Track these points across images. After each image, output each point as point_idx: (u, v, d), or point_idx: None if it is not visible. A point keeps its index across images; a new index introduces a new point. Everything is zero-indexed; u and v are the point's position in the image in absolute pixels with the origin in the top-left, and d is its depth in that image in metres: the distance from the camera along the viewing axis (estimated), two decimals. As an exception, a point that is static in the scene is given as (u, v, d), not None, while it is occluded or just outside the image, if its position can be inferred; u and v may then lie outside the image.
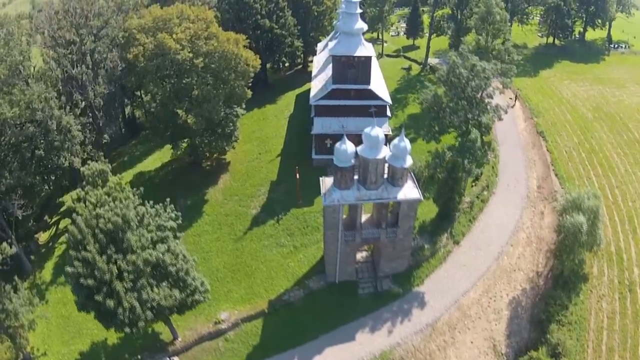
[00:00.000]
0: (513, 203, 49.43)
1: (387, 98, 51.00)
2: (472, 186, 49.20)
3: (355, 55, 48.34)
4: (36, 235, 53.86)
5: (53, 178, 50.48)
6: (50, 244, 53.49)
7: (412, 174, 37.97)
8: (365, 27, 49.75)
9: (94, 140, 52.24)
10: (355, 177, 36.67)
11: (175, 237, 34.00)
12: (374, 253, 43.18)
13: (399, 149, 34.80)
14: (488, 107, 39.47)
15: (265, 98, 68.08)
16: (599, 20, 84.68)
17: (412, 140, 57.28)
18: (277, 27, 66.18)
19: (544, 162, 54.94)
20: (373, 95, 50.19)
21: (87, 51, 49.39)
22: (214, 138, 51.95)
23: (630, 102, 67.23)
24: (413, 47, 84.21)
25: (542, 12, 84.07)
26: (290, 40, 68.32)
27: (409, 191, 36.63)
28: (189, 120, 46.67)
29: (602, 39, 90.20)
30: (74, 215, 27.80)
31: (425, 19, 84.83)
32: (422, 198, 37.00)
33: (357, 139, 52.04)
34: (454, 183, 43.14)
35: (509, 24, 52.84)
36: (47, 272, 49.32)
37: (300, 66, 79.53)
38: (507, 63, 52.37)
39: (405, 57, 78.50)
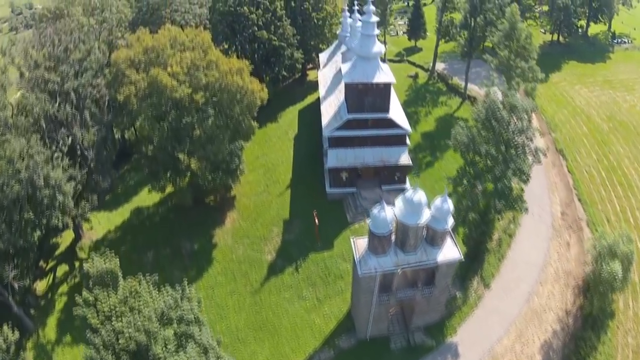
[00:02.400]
0: (539, 235, 47.55)
1: (407, 126, 47.37)
2: (498, 220, 46.81)
3: (374, 82, 44.22)
4: (33, 285, 49.29)
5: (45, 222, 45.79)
6: (50, 295, 49.29)
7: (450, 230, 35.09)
8: (383, 49, 45.35)
9: (85, 183, 46.99)
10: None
11: (199, 321, 30.49)
12: (404, 306, 40.65)
13: (442, 211, 31.69)
14: (527, 149, 36.47)
15: (265, 115, 63.20)
16: (603, 16, 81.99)
17: (428, 165, 55.07)
18: (275, 38, 60.70)
19: (565, 184, 52.98)
20: (392, 124, 46.50)
21: (70, 89, 43.45)
22: (217, 175, 47.56)
23: (643, 107, 65.61)
24: (415, 49, 79.73)
25: (548, 11, 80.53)
26: (290, 52, 62.97)
27: (449, 251, 33.85)
28: (192, 165, 42.06)
29: (604, 32, 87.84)
30: (89, 334, 24.00)
31: (428, 18, 79.79)
32: (462, 258, 34.36)
33: (373, 171, 49.33)
34: (486, 227, 40.79)
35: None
36: (50, 330, 45.49)
37: (299, 74, 74.02)
38: (529, 81, 49.51)
39: (410, 63, 74.17)
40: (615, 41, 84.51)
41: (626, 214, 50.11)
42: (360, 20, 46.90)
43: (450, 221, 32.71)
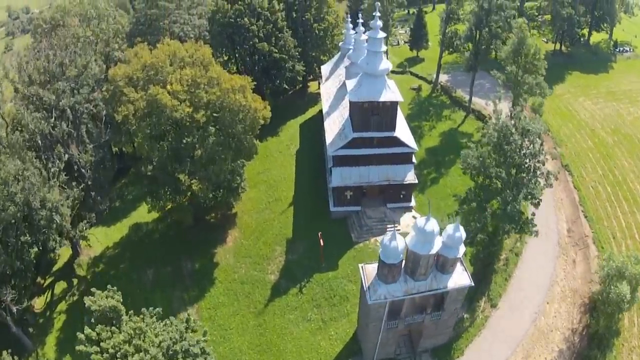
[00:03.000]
0: (546, 253, 46.94)
1: (413, 144, 46.50)
2: (505, 239, 46.20)
3: (380, 100, 43.31)
4: (31, 303, 48.21)
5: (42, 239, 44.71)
6: (48, 313, 48.29)
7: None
8: (390, 66, 44.48)
9: (82, 201, 45.81)
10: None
11: (205, 352, 29.65)
12: (412, 329, 39.93)
13: (454, 239, 30.94)
14: (538, 172, 35.82)
15: (266, 129, 61.54)
16: (605, 24, 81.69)
17: (433, 181, 54.30)
18: (276, 50, 59.59)
19: (571, 200, 52.42)
20: (398, 143, 45.67)
21: (66, 107, 42.18)
22: (219, 193, 46.61)
23: (646, 120, 65.25)
24: (417, 60, 78.85)
25: (551, 20, 79.94)
26: (291, 64, 61.87)
27: (459, 277, 33.14)
28: (193, 187, 41.02)
29: (606, 41, 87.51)
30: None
31: (430, 27, 78.89)
32: (472, 284, 33.65)
33: (378, 189, 48.49)
34: (494, 248, 40.16)
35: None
36: (49, 350, 44.57)
37: (300, 87, 72.83)
38: (537, 97, 48.91)
39: (412, 74, 73.26)
40: (618, 50, 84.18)
41: (632, 230, 49.68)
42: (365, 34, 46.06)
43: (462, 249, 32.01)
